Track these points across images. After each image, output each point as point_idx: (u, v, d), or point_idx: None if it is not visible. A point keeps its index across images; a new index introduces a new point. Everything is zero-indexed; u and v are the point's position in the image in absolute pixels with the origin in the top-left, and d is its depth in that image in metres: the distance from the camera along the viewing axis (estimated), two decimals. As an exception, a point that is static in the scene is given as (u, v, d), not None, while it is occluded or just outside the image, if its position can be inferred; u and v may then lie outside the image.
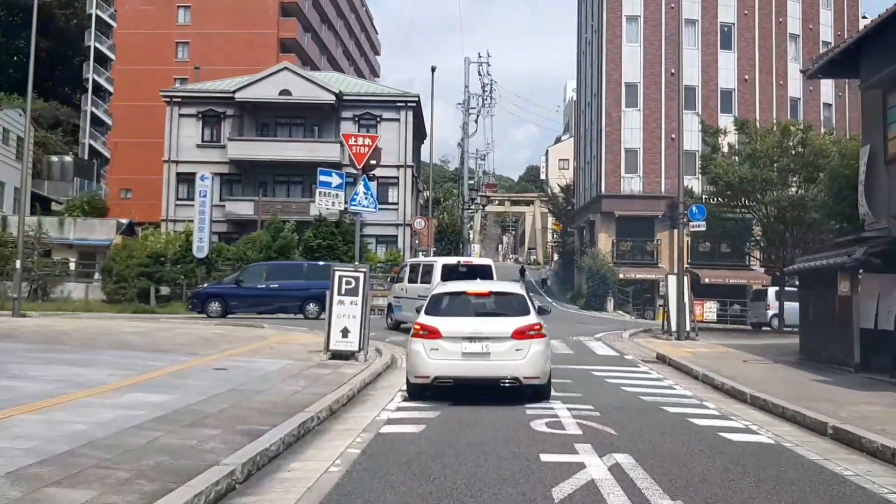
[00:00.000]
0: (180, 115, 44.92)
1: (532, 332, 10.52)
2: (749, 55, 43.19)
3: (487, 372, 10.41)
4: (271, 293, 26.45)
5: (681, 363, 15.14)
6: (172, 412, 8.56)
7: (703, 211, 22.02)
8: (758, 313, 30.66)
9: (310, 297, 25.95)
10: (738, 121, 28.25)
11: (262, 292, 26.40)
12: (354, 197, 14.69)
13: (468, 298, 11.45)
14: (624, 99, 42.65)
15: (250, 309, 26.25)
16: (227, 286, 27.24)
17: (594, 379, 13.19)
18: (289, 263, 31.29)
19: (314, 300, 25.71)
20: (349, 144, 14.64)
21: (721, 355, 17.37)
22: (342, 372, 12.79)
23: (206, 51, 55.87)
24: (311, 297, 25.87)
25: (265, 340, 17.96)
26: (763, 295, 30.45)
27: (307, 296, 26.04)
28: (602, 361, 16.00)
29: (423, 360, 10.48)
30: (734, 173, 23.44)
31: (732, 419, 9.64)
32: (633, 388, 12.07)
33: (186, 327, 21.08)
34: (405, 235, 44.03)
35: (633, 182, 42.68)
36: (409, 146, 44.67)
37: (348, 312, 14.42)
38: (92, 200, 55.48)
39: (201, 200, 33.21)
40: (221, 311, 25.85)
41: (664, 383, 13.02)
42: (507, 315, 10.86)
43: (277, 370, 12.69)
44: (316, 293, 25.44)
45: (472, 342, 10.35)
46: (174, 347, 15.40)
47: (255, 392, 10.34)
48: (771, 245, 25.56)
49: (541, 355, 10.49)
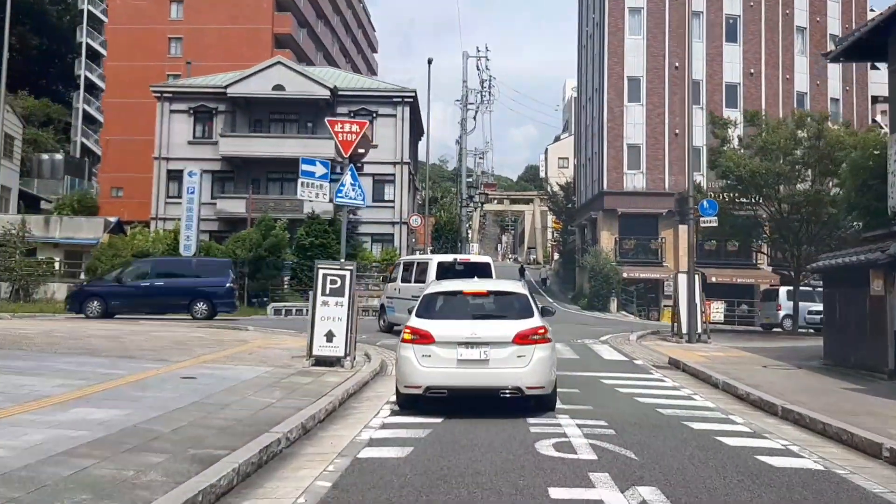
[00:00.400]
0: (171, 111, 43.74)
1: (536, 337, 9.35)
2: (755, 48, 41.93)
3: (486, 381, 9.25)
4: (156, 291, 24.33)
5: (697, 369, 13.90)
6: (118, 432, 7.32)
7: (715, 206, 20.80)
8: (769, 314, 29.42)
9: (198, 295, 24.29)
10: (749, 112, 26.98)
11: (147, 291, 24.26)
12: (341, 188, 13.43)
13: (465, 299, 10.27)
14: (626, 93, 41.37)
15: (134, 309, 24.24)
16: (107, 284, 25.18)
17: (604, 388, 11.94)
18: (176, 259, 29.71)
19: (204, 299, 24.21)
20: (335, 131, 13.38)
21: (738, 360, 16.13)
22: (324, 381, 11.55)
23: (199, 46, 54.59)
24: (200, 295, 24.28)
25: (246, 344, 16.71)
26: (774, 295, 29.21)
27: (195, 294, 24.31)
28: (610, 367, 14.75)
29: (413, 367, 9.32)
30: (746, 166, 22.15)
31: (767, 437, 8.38)
32: (649, 399, 10.82)
33: (166, 330, 19.80)
34: (401, 234, 42.82)
35: (635, 179, 41.41)
36: (405, 142, 43.45)
37: (333, 314, 13.17)
38: (82, 199, 54.28)
39: (189, 197, 31.96)
40: (101, 312, 23.75)
41: (682, 393, 11.76)
42: (508, 317, 9.70)
43: (252, 379, 11.44)
44: (205, 291, 24.20)
45: (469, 348, 9.20)
46: (143, 353, 14.14)
47: (220, 406, 9.09)
48: (784, 242, 24.25)
49: (545, 362, 9.32)
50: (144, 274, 25.02)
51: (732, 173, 22.54)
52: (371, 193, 43.43)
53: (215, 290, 24.46)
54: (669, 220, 40.83)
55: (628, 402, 10.55)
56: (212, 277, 24.81)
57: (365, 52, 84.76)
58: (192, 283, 24.67)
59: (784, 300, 27.37)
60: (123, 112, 55.86)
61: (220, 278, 24.75)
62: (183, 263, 27.40)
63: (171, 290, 24.47)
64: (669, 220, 40.83)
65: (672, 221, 40.74)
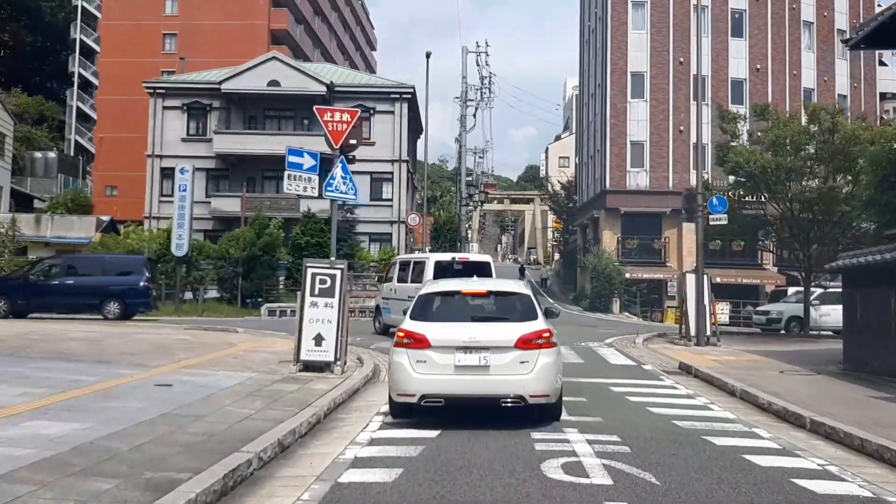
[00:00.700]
0: (164, 108, 42.90)
1: (540, 341, 8.57)
2: (761, 43, 41.03)
3: (486, 389, 8.46)
4: (66, 290, 23.04)
5: (710, 375, 13.02)
6: (70, 450, 6.47)
7: (725, 202, 19.92)
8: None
9: (110, 294, 23.05)
10: (758, 106, 26.06)
11: (55, 289, 23.01)
12: (331, 182, 12.55)
13: (463, 300, 9.47)
14: (630, 89, 40.45)
15: (42, 308, 23.08)
16: (13, 282, 24.09)
17: (613, 396, 11.06)
18: (88, 257, 28.41)
19: (115, 298, 23.00)
20: (324, 121, 12.49)
21: (751, 364, 15.25)
22: (311, 389, 10.69)
23: (194, 42, 53.68)
24: (112, 294, 23.06)
25: (232, 348, 15.84)
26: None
27: (107, 293, 23.05)
28: (618, 372, 13.87)
29: (407, 374, 8.54)
30: (756, 162, 21.23)
31: (799, 454, 7.51)
32: (663, 410, 9.94)
33: (150, 332, 18.95)
34: (400, 233, 41.96)
35: (639, 177, 40.51)
36: (404, 140, 42.59)
37: (322, 316, 12.31)
38: (76, 198, 53.42)
39: (181, 195, 30.99)
40: (6, 311, 22.57)
41: (697, 402, 10.89)
42: (510, 320, 8.92)
43: (233, 386, 10.58)
44: (117, 290, 23.03)
45: (468, 353, 8.43)
46: (121, 357, 13.27)
47: (193, 418, 8.23)
48: (794, 242, 23.31)
49: (550, 369, 8.54)
50: (54, 272, 23.80)
51: (742, 169, 21.61)
52: (369, 192, 42.59)
53: (128, 289, 23.19)
54: (673, 219, 39.95)
55: (641, 413, 9.68)
56: (125, 276, 23.56)
57: (363, 49, 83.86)
58: (103, 282, 23.36)
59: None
60: (117, 109, 55.01)
61: (135, 277, 23.45)
62: (95, 261, 26.02)
63: (82, 289, 23.11)
64: (673, 219, 39.95)
65: (676, 221, 39.86)
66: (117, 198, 54.66)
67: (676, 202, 38.94)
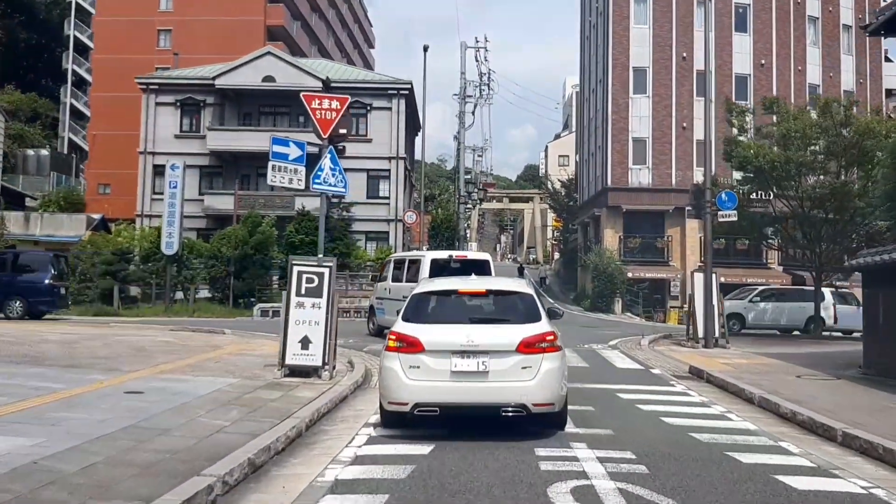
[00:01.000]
0: (157, 104, 42.05)
1: (544, 345, 7.86)
2: (766, 38, 40.16)
3: (484, 397, 7.75)
4: None
5: (724, 380, 12.19)
6: (5, 474, 5.63)
7: (734, 198, 19.08)
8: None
9: (13, 293, 22.14)
10: (767, 99, 25.20)
11: None
12: (318, 174, 11.72)
13: (460, 300, 8.76)
14: (632, 85, 39.55)
15: None
16: None
17: (622, 404, 10.22)
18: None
19: (18, 297, 22.09)
20: (311, 108, 11.67)
21: (766, 368, 14.42)
22: (294, 396, 9.86)
23: (189, 39, 52.75)
24: (16, 292, 22.14)
25: (217, 351, 15.00)
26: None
27: (10, 291, 22.13)
28: (626, 378, 13.04)
29: (399, 381, 7.81)
30: (765, 156, 20.38)
31: (838, 475, 6.68)
32: (677, 420, 9.11)
33: (132, 333, 18.11)
34: (397, 232, 41.13)
35: (641, 174, 39.63)
36: (401, 136, 41.75)
37: (309, 318, 11.49)
38: (68, 196, 52.47)
39: (171, 192, 30.12)
40: None
41: (713, 410, 10.05)
42: (511, 321, 8.20)
43: (209, 394, 9.75)
44: (22, 288, 22.12)
45: (465, 357, 7.73)
46: (95, 361, 12.43)
47: (159, 431, 7.41)
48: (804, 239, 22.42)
49: (555, 375, 7.84)
50: None
51: (750, 164, 20.75)
52: (365, 189, 41.77)
53: (32, 288, 22.30)
54: (676, 217, 39.17)
55: (654, 424, 8.84)
56: (30, 274, 22.61)
57: (361, 47, 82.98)
58: (6, 280, 22.37)
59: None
60: (111, 106, 54.09)
61: (40, 274, 22.54)
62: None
63: None
64: (676, 217, 39.17)
65: (679, 219, 39.09)
66: (111, 196, 53.79)
67: (679, 200, 38.25)
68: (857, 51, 41.65)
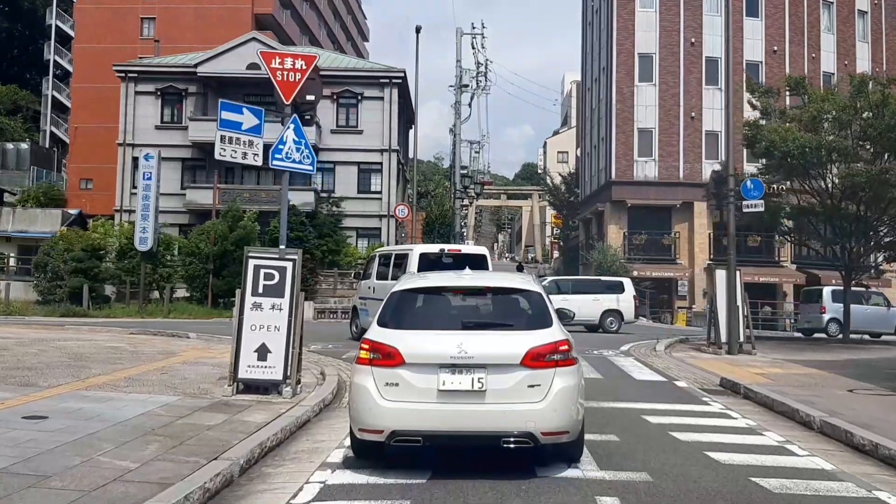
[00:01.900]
0: (137, 93, 40.13)
1: (556, 357, 6.11)
2: (778, 24, 38.14)
3: (481, 423, 6.01)
4: None
5: (768, 397, 10.14)
6: None
7: (761, 186, 17.09)
8: (810, 317, 25.63)
9: None
10: (792, 78, 23.14)
11: None
12: (279, 147, 9.68)
13: (451, 300, 6.85)
14: (637, 72, 37.51)
15: None
16: None
17: (652, 431, 8.18)
18: None
19: None
20: (271, 68, 9.62)
21: (808, 380, 12.37)
22: (241, 421, 7.82)
23: (174, 27, 50.60)
24: None
25: (170, 359, 12.93)
26: (816, 296, 25.42)
27: None
28: (648, 393, 11.00)
29: (372, 402, 6.04)
30: (794, 140, 18.34)
31: None
32: (729, 456, 7.06)
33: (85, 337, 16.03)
34: (389, 228, 39.14)
35: (647, 167, 37.60)
36: (394, 128, 39.74)
37: (268, 322, 9.47)
38: (48, 191, 50.59)
39: (145, 184, 28.02)
40: None
41: (768, 440, 7.99)
42: (515, 327, 6.47)
43: (134, 418, 7.71)
44: None
45: (457, 373, 6.01)
46: (11, 373, 10.34)
47: (35, 478, 5.41)
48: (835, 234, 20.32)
49: (570, 395, 6.07)
50: None
51: (777, 150, 18.69)
52: (356, 184, 39.81)
53: None
54: (684, 212, 37.18)
55: (701, 463, 6.79)
56: None
57: (355, 39, 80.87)
58: None
59: (829, 301, 23.70)
60: (93, 98, 51.86)
61: None
62: None
63: None
64: (684, 212, 37.18)
65: (687, 214, 37.11)
66: (93, 191, 51.61)
67: (687, 194, 36.27)
68: (873, 38, 39.72)
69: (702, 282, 36.95)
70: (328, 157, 39.69)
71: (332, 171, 39.87)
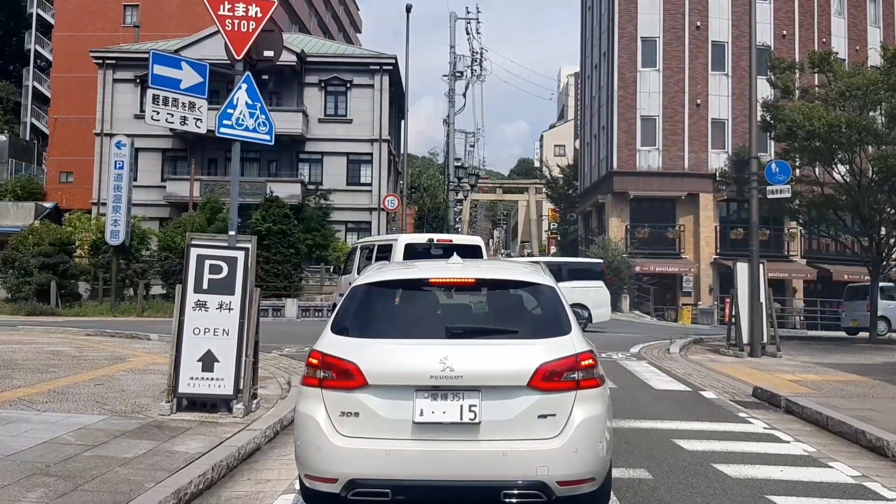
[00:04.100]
0: (115, 80, 38.41)
1: (577, 375, 4.38)
2: (788, 7, 36.47)
3: (473, 470, 4.25)
4: None
5: (821, 413, 8.44)
6: None
7: (787, 170, 15.44)
8: (857, 315, 23.89)
9: None
10: (816, 54, 21.46)
11: None
12: (228, 112, 7.99)
13: (432, 296, 5.01)
14: (640, 57, 35.79)
15: None
16: None
17: (691, 464, 6.47)
18: None
19: None
20: (219, 16, 7.94)
21: (853, 389, 10.70)
22: (169, 452, 6.11)
23: (157, 15, 48.87)
24: None
25: (116, 365, 11.19)
26: (863, 293, 23.65)
27: None
28: (672, 406, 9.31)
29: (322, 439, 4.33)
30: (821, 119, 16.65)
31: None
32: (800, 501, 5.36)
33: (28, 340, 14.28)
34: (380, 221, 37.43)
35: (650, 156, 35.90)
36: (384, 117, 38.04)
37: (215, 324, 7.77)
38: (27, 184, 48.73)
39: (116, 173, 26.22)
40: None
41: (838, 475, 6.30)
42: (520, 334, 4.66)
43: (32, 448, 6.03)
44: None
45: (439, 398, 4.31)
46: None
47: None
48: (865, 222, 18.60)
49: (595, 428, 4.36)
50: None
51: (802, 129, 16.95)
52: (345, 175, 38.12)
53: None
54: (689, 204, 35.54)
55: (767, 515, 5.08)
56: None
57: (347, 30, 79.05)
58: None
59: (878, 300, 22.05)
60: (73, 88, 50.13)
61: None
62: None
63: None
64: (689, 204, 35.54)
65: (692, 206, 35.46)
66: (73, 185, 49.87)
67: (693, 185, 34.61)
68: (885, 23, 38.11)
69: (708, 277, 35.37)
70: (316, 147, 38.00)
71: (319, 162, 38.19)
